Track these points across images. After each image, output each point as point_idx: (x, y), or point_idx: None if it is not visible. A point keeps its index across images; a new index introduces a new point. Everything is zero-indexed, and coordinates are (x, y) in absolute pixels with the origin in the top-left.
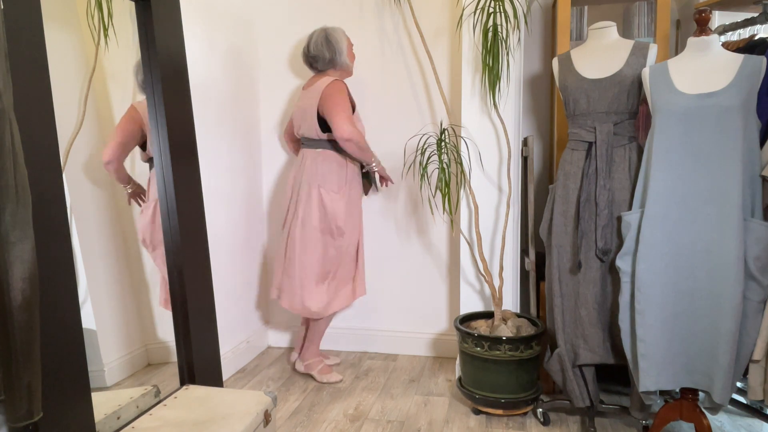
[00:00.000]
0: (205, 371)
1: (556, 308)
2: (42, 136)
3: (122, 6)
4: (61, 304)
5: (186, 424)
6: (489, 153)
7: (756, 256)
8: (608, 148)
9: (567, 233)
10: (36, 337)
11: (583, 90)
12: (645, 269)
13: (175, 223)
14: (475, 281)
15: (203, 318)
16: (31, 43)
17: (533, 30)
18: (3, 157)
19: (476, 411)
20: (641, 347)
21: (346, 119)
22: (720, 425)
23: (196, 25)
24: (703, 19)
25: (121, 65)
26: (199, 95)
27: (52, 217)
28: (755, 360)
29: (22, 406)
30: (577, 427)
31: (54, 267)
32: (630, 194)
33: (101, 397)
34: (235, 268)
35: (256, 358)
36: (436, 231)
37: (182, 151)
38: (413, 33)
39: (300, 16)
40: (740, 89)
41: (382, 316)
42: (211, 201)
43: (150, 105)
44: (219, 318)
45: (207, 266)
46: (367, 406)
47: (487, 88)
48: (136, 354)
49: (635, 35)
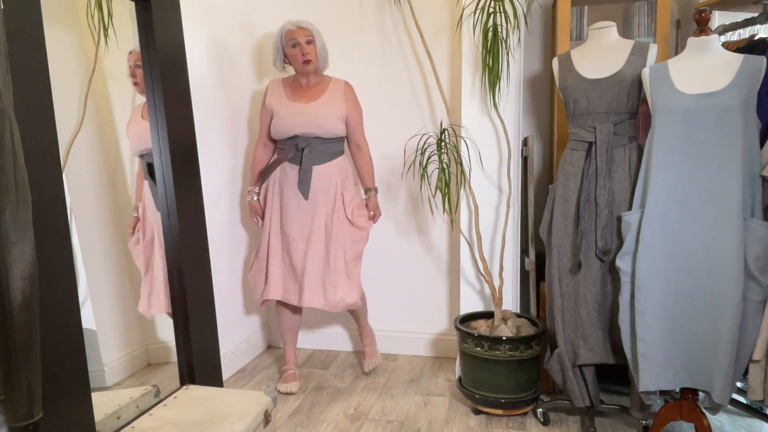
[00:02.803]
0: (205, 371)
1: (556, 308)
2: (42, 136)
3: (122, 6)
4: (61, 304)
5: (186, 424)
6: (489, 153)
7: (756, 256)
8: (608, 148)
9: (567, 233)
10: (36, 337)
11: (583, 90)
12: (645, 269)
13: (175, 223)
14: (475, 281)
15: (203, 318)
16: (31, 43)
17: (533, 30)
18: (3, 157)
19: (476, 411)
20: (641, 347)
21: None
22: (720, 425)
23: (196, 25)
24: (703, 19)
25: (121, 65)
26: (199, 95)
27: (52, 217)
28: (755, 360)
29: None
30: (577, 427)
31: (54, 267)
32: (630, 194)
33: (101, 397)
34: (235, 268)
35: (256, 358)
36: (436, 231)
37: (182, 151)
38: (413, 33)
39: (300, 16)
40: (740, 89)
41: (382, 316)
42: (211, 201)
43: (150, 105)
44: (219, 318)
45: (207, 266)
46: (367, 406)
47: (487, 88)
48: (136, 354)
49: (635, 35)
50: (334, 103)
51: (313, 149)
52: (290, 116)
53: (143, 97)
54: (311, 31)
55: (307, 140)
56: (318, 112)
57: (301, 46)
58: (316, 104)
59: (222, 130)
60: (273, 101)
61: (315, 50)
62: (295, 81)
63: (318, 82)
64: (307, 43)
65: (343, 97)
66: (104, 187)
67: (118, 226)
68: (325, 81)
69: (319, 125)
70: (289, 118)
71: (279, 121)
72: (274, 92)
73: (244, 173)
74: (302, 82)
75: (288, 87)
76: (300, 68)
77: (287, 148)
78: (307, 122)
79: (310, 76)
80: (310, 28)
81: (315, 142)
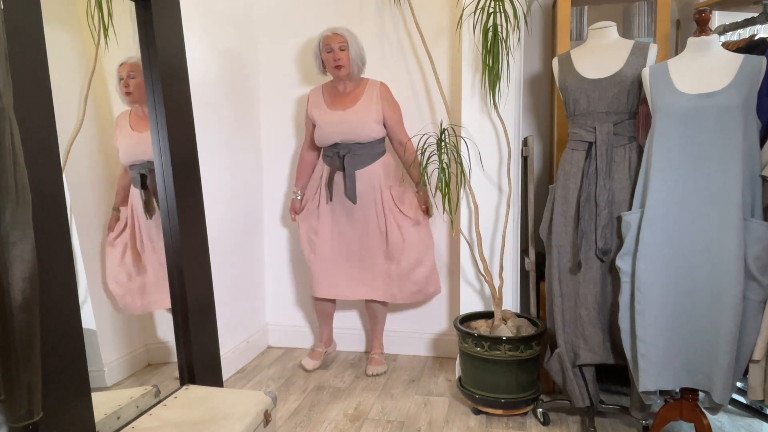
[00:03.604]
0: (205, 371)
1: (556, 308)
2: (42, 136)
3: (122, 6)
4: (61, 304)
5: (186, 424)
6: (489, 153)
7: (756, 256)
8: (608, 148)
9: (567, 233)
10: (36, 337)
11: (583, 90)
12: (645, 269)
13: (175, 223)
14: (475, 281)
15: (203, 318)
16: (31, 43)
17: (533, 30)
18: (3, 157)
19: (476, 411)
20: (641, 347)
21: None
22: (720, 425)
23: (196, 25)
24: (703, 19)
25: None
26: (199, 95)
27: (52, 217)
28: (755, 360)
29: (22, 406)
30: (577, 427)
31: (54, 267)
32: (630, 194)
33: (101, 397)
34: (236, 267)
35: (256, 358)
36: (436, 231)
37: (182, 151)
38: (413, 33)
39: (300, 16)
40: (740, 89)
41: None
42: (211, 201)
43: (150, 105)
44: (219, 318)
45: (207, 266)
46: (367, 406)
47: (487, 88)
48: (136, 354)
49: (635, 35)
50: (371, 107)
51: (354, 154)
52: (329, 125)
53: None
54: (346, 37)
55: (348, 147)
56: (355, 119)
57: (334, 52)
58: (353, 111)
59: (222, 129)
60: (314, 110)
61: (348, 56)
62: (333, 87)
63: (355, 86)
64: (340, 50)
65: (379, 98)
66: (104, 187)
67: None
68: (362, 84)
69: (357, 132)
70: (328, 127)
71: (320, 131)
72: (315, 100)
73: (245, 172)
74: (339, 88)
75: (327, 94)
76: (333, 73)
77: (331, 156)
78: (346, 130)
79: (346, 82)
80: (345, 35)
81: (355, 148)
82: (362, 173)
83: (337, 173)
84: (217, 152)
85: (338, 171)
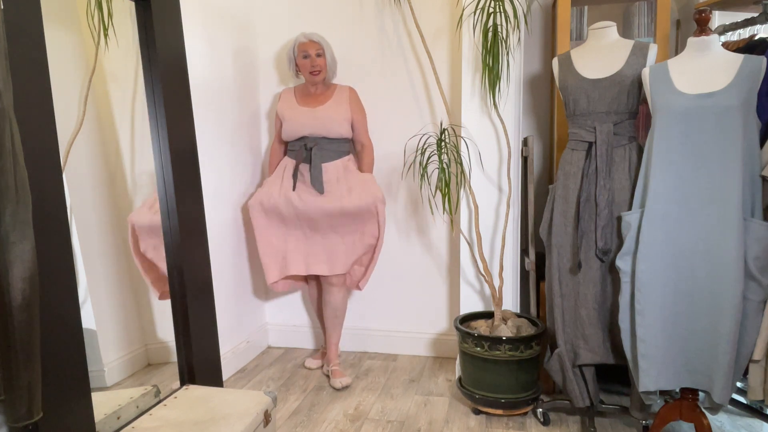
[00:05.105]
0: (205, 371)
1: (556, 308)
2: (42, 136)
3: (122, 6)
4: (61, 304)
5: (186, 424)
6: (489, 153)
7: (756, 255)
8: (608, 148)
9: (567, 233)
10: (36, 337)
11: (583, 90)
12: (645, 269)
13: (175, 223)
14: (475, 281)
15: (203, 318)
16: (31, 43)
17: (533, 30)
18: (3, 157)
19: (476, 411)
20: (641, 347)
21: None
22: (720, 425)
23: (196, 25)
24: (703, 19)
25: (121, 65)
26: (199, 95)
27: (52, 217)
28: (755, 360)
29: (22, 406)
30: (577, 427)
31: (54, 267)
32: (630, 194)
33: (101, 397)
34: (236, 267)
35: (256, 358)
36: (436, 231)
37: (182, 151)
38: (413, 33)
39: (300, 16)
40: (740, 89)
41: (382, 316)
42: (211, 201)
43: (150, 105)
44: (219, 318)
45: (207, 266)
46: (367, 406)
47: (487, 88)
48: (136, 354)
49: (635, 35)
50: (340, 107)
51: (321, 148)
52: (298, 118)
53: (311, 86)
54: (322, 45)
55: (315, 140)
56: (325, 115)
57: (311, 58)
58: (323, 108)
59: (222, 129)
60: (284, 107)
61: (324, 62)
62: (305, 88)
63: (326, 89)
64: (317, 56)
65: (348, 101)
66: (104, 187)
67: (118, 226)
68: (331, 88)
69: (326, 126)
70: (297, 120)
71: (288, 124)
72: (285, 99)
73: (245, 172)
74: (311, 90)
75: (298, 94)
76: (309, 78)
77: (297, 149)
78: (315, 124)
79: (318, 85)
80: (321, 41)
81: (323, 142)
82: (327, 167)
83: (302, 165)
84: (217, 152)
85: (303, 163)
